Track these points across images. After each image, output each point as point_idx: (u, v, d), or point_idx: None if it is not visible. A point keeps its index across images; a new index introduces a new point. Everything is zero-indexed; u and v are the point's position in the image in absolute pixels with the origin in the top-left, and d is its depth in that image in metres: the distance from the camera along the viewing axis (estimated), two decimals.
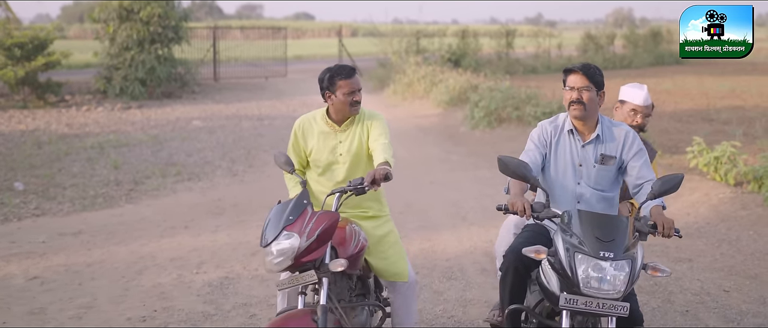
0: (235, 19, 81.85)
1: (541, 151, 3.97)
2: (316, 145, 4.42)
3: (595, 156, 3.95)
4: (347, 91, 4.29)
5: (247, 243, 7.56)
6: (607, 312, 3.27)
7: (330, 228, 3.84)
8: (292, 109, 18.83)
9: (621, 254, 3.26)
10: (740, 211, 8.39)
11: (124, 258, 7.11)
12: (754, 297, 5.97)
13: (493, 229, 7.58)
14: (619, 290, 3.25)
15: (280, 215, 3.83)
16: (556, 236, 3.44)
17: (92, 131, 14.91)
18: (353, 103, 4.32)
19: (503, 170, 3.58)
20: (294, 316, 3.73)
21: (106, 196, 9.71)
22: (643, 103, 4.65)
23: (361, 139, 4.37)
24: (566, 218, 3.47)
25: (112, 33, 20.37)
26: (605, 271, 3.24)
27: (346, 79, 4.29)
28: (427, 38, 29.05)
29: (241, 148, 13.32)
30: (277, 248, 3.72)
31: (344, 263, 3.78)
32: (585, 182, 3.96)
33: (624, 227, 3.39)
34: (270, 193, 9.95)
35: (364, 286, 4.38)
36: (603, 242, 3.28)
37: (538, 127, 4.06)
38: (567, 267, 3.30)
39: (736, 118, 15.44)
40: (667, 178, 3.52)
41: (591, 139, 3.95)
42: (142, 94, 20.13)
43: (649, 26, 44.03)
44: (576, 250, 3.29)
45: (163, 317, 5.63)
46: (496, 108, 15.35)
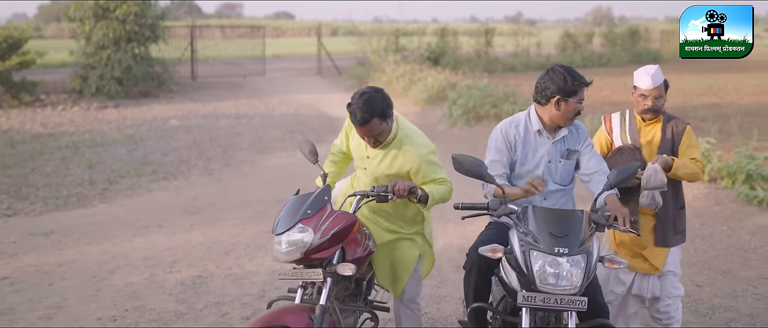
0: (214, 18, 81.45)
1: (510, 153, 3.98)
2: (354, 143, 4.35)
3: (561, 152, 4.02)
4: (361, 136, 4.07)
5: (221, 242, 7.51)
6: (566, 307, 3.27)
7: (345, 230, 3.82)
8: (271, 107, 18.74)
9: (576, 249, 3.27)
10: (714, 207, 8.44)
11: (96, 258, 7.03)
12: (726, 292, 6.00)
13: (468, 226, 7.57)
14: (576, 285, 3.24)
15: (298, 207, 3.79)
16: (511, 233, 3.46)
17: (67, 131, 14.75)
18: (370, 142, 4.08)
19: (458, 169, 3.57)
20: (291, 311, 3.68)
21: (80, 195, 9.60)
22: (651, 87, 4.45)
23: (389, 169, 4.14)
24: (521, 215, 3.48)
25: (88, 32, 20.16)
26: (561, 267, 3.24)
27: (359, 127, 3.96)
28: (406, 37, 29.08)
29: (217, 146, 13.24)
30: (288, 239, 3.68)
31: (353, 268, 3.73)
32: (551, 178, 4.01)
33: (578, 221, 3.41)
34: (246, 192, 9.90)
35: (358, 286, 4.35)
36: (557, 237, 3.29)
37: (499, 130, 4.04)
38: (523, 264, 3.30)
39: (712, 115, 15.55)
40: (622, 168, 3.55)
41: (559, 137, 4.01)
42: (118, 94, 19.94)
43: (627, 25, 44.28)
44: (531, 247, 3.30)
45: (134, 317, 5.56)
46: (474, 106, 15.36)
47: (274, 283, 6.27)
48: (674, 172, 4.27)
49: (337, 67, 28.09)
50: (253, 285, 6.26)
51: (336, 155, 4.51)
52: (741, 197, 8.65)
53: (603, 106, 17.05)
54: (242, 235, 7.76)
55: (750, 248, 7.14)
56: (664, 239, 4.52)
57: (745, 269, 6.55)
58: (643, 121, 4.57)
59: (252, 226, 8.10)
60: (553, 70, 3.91)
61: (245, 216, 8.54)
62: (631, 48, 35.81)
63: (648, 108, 4.47)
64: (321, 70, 28.82)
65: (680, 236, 4.59)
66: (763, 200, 8.33)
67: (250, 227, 8.07)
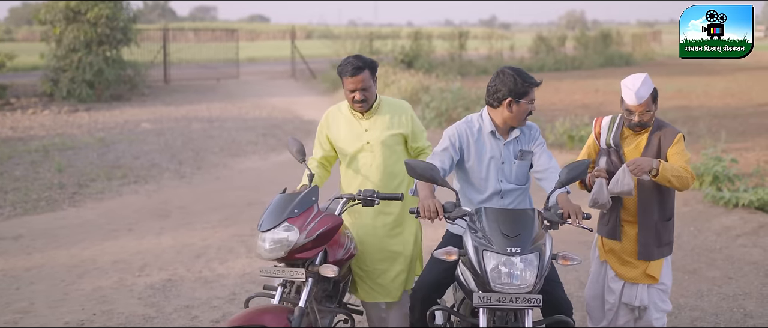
0: (188, 21, 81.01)
1: (454, 154, 4.00)
2: (343, 132, 4.43)
3: (515, 152, 4.05)
4: (350, 89, 4.28)
5: (191, 245, 7.47)
6: (521, 306, 3.31)
7: (331, 231, 3.85)
8: (244, 111, 18.68)
9: (528, 248, 3.31)
10: (682, 207, 8.55)
11: (65, 262, 6.97)
12: (692, 291, 6.08)
13: (440, 229, 7.58)
14: (530, 284, 3.29)
15: (284, 205, 3.82)
16: (465, 235, 3.50)
17: (37, 134, 14.59)
18: (355, 100, 4.30)
19: (411, 173, 3.60)
20: (270, 311, 3.67)
21: (49, 199, 9.51)
22: (635, 103, 4.22)
23: (390, 129, 4.39)
24: (474, 217, 3.52)
25: (59, 34, 19.99)
26: (514, 266, 3.28)
27: (349, 78, 4.24)
28: (380, 40, 29.14)
29: (189, 150, 13.17)
30: (274, 237, 3.71)
31: (336, 270, 3.77)
32: (507, 178, 4.05)
33: (530, 220, 3.45)
34: (218, 195, 9.87)
35: (334, 288, 4.37)
36: (509, 237, 3.33)
37: (454, 129, 4.06)
38: (477, 265, 3.33)
39: (681, 117, 15.76)
40: (573, 165, 3.59)
41: (512, 138, 4.04)
42: (89, 97, 19.78)
43: (599, 29, 44.72)
44: (484, 248, 3.34)
45: (102, 321, 5.53)
46: (447, 109, 15.43)
47: (245, 286, 6.25)
48: (662, 174, 4.07)
49: (311, 70, 28.07)
50: (224, 288, 6.24)
51: (314, 169, 4.47)
52: (708, 198, 8.78)
53: (575, 109, 17.24)
54: (213, 238, 7.73)
55: (716, 248, 7.24)
56: (647, 251, 4.35)
57: (711, 268, 6.64)
58: (632, 130, 4.38)
59: (223, 229, 8.07)
60: (503, 73, 3.92)
61: (216, 219, 8.51)
62: (603, 51, 36.23)
63: (635, 123, 4.28)
64: (295, 73, 28.79)
65: (666, 248, 4.40)
66: (729, 201, 8.46)
67: (222, 230, 8.05)
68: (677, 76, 26.97)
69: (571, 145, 12.45)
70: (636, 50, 40.31)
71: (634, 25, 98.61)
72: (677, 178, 4.10)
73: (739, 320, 5.51)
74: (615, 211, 4.38)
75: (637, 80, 4.24)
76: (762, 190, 8.42)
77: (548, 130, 13.32)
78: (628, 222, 4.39)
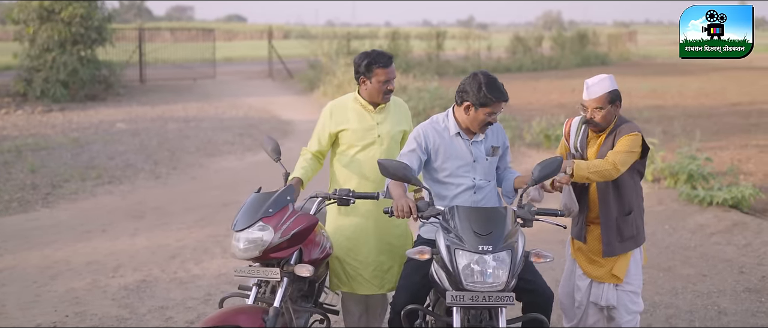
0: (164, 20, 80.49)
1: (422, 155, 3.99)
2: (354, 125, 4.42)
3: (486, 149, 4.07)
4: (383, 80, 4.35)
5: (166, 246, 7.40)
6: (494, 304, 3.30)
7: (306, 231, 3.83)
8: (221, 111, 18.56)
9: (500, 246, 3.30)
10: (657, 206, 8.61)
11: (37, 263, 6.87)
12: (667, 289, 6.12)
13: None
14: (503, 281, 3.28)
15: (259, 205, 3.79)
16: (437, 234, 3.49)
17: (10, 135, 14.40)
18: (387, 91, 4.38)
19: (384, 173, 3.60)
20: (244, 311, 3.65)
21: (21, 200, 9.38)
22: (586, 98, 4.22)
23: (399, 125, 4.52)
24: (447, 216, 3.51)
25: (32, 34, 19.72)
26: (486, 264, 3.28)
27: (383, 69, 4.33)
28: (358, 40, 29.08)
29: (165, 150, 13.06)
30: (248, 236, 3.68)
31: (311, 270, 3.75)
32: (479, 176, 4.06)
33: (502, 218, 3.46)
34: (194, 195, 9.79)
35: (310, 288, 4.34)
36: (481, 235, 3.33)
37: (420, 130, 4.04)
38: (449, 264, 3.33)
39: (656, 117, 15.89)
40: (546, 162, 3.60)
41: (479, 138, 4.05)
42: (64, 97, 19.54)
43: (576, 29, 44.98)
44: (456, 246, 3.33)
45: (75, 322, 5.46)
46: (424, 108, 15.44)
47: (220, 287, 6.21)
48: (578, 173, 4.02)
49: (288, 70, 27.98)
50: (199, 289, 6.19)
51: (307, 160, 4.43)
52: (683, 197, 8.85)
53: (551, 109, 17.31)
54: (188, 239, 7.67)
55: (690, 246, 7.30)
56: (609, 248, 4.32)
57: (686, 266, 6.69)
58: (593, 132, 4.36)
59: (198, 230, 8.01)
60: (475, 76, 3.88)
61: (192, 220, 8.44)
62: (579, 51, 36.44)
63: (587, 120, 4.27)
64: (272, 73, 28.68)
65: (629, 242, 4.35)
66: (703, 199, 8.53)
67: (197, 230, 7.98)
68: (652, 76, 27.20)
69: (548, 145, 12.51)
70: (612, 50, 40.60)
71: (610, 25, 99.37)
72: (595, 173, 4.04)
73: (714, 317, 5.55)
74: (583, 213, 4.41)
75: (596, 78, 4.25)
76: (736, 188, 8.50)
77: (525, 129, 13.38)
78: (592, 222, 4.41)
